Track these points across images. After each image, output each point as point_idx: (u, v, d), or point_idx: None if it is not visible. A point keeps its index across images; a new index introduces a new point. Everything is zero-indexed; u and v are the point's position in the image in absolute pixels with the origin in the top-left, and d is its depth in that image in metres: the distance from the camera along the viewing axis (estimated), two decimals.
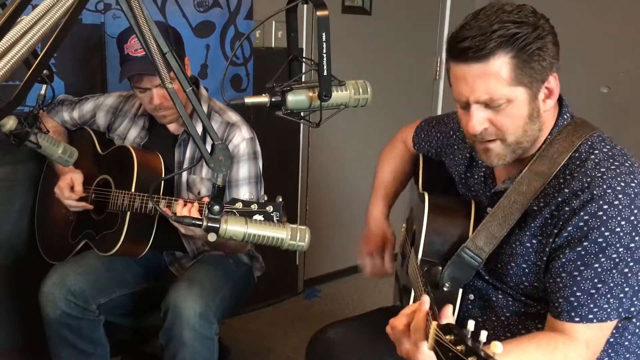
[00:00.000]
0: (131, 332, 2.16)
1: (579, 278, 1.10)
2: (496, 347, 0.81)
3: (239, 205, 1.06)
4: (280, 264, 2.63)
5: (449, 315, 1.04)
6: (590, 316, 1.09)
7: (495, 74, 1.10)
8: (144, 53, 1.61)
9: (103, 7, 2.02)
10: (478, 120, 1.15)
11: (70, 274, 1.71)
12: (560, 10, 2.87)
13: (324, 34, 0.92)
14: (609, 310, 1.09)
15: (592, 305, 1.09)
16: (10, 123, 1.22)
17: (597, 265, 1.08)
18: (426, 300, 1.02)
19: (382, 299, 2.91)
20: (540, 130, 1.18)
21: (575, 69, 2.80)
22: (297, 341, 2.52)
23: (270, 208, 1.09)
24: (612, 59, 2.71)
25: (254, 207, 1.08)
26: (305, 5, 0.97)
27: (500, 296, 1.26)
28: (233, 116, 1.83)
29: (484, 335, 0.83)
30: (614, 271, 1.08)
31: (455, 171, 1.44)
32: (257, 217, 1.07)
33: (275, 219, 1.09)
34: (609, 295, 1.09)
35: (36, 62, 0.77)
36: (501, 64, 1.10)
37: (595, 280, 1.09)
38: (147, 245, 1.72)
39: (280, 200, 1.11)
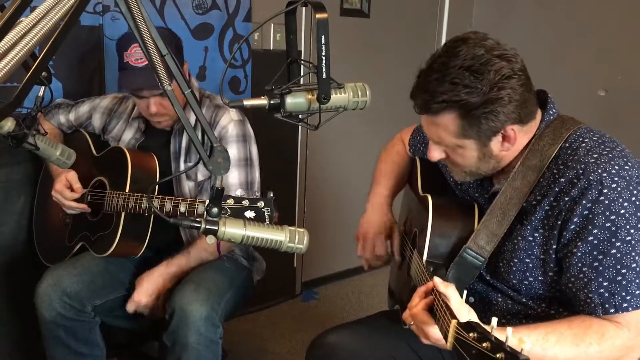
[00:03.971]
0: (127, 334, 2.15)
1: (600, 268, 1.09)
2: (524, 343, 0.79)
3: (230, 201, 1.06)
4: (278, 266, 2.63)
5: (439, 282, 1.09)
6: (625, 305, 1.08)
7: (443, 126, 1.16)
8: (144, 63, 1.61)
9: (102, 9, 2.01)
10: (435, 153, 1.25)
11: (66, 276, 1.70)
12: (557, 14, 2.89)
13: (322, 36, 0.92)
14: None
15: (624, 293, 1.08)
16: (9, 125, 1.21)
17: (614, 250, 1.08)
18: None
19: (379, 301, 2.91)
20: (498, 162, 1.22)
21: (573, 72, 2.81)
22: (295, 343, 2.52)
23: (261, 204, 1.09)
24: (609, 62, 2.72)
25: (245, 203, 1.07)
26: (304, 8, 0.97)
27: (500, 299, 1.26)
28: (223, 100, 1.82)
29: (509, 331, 0.81)
30: (633, 254, 1.08)
31: (451, 176, 1.45)
32: (249, 213, 1.06)
33: (267, 214, 1.09)
34: (637, 280, 1.08)
35: (35, 64, 0.77)
36: (447, 120, 1.15)
37: (618, 267, 1.08)
38: (142, 245, 1.72)
39: (272, 195, 1.11)
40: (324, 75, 0.94)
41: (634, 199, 1.08)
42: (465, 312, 1.05)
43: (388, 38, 3.02)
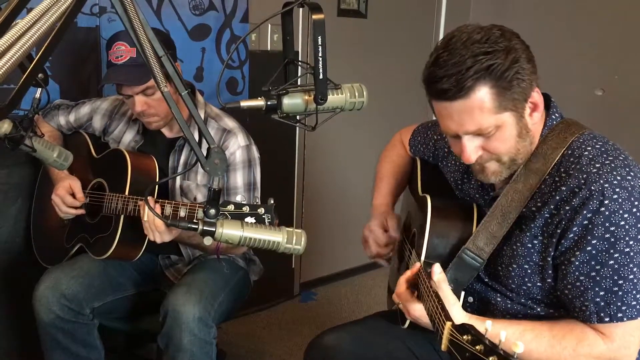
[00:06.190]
0: (126, 336, 2.15)
1: (598, 278, 1.10)
2: (517, 346, 0.79)
3: (231, 207, 1.06)
4: (276, 267, 2.63)
5: (437, 272, 1.16)
6: (620, 315, 1.09)
7: (479, 107, 1.10)
8: (122, 61, 1.62)
9: (98, 10, 2.01)
10: (471, 151, 1.16)
11: (64, 278, 1.70)
12: (555, 14, 2.89)
13: (319, 37, 0.92)
14: (638, 307, 1.09)
15: (619, 304, 1.09)
16: (5, 127, 1.21)
17: (612, 262, 1.08)
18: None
19: (377, 302, 2.92)
20: (531, 143, 1.19)
21: (570, 72, 2.81)
22: (293, 344, 2.52)
23: (261, 210, 1.09)
24: (606, 61, 2.73)
25: (246, 209, 1.07)
26: (301, 9, 0.97)
27: (499, 299, 1.26)
28: (230, 122, 1.82)
29: (503, 335, 0.81)
30: (631, 265, 1.08)
31: (451, 177, 1.45)
32: (249, 219, 1.06)
33: (267, 221, 1.09)
34: (634, 292, 1.08)
35: (31, 66, 0.77)
36: (482, 96, 1.09)
37: (615, 278, 1.08)
38: (141, 248, 1.71)
39: (272, 202, 1.11)
40: (321, 76, 0.95)
41: (634, 210, 1.08)
42: (453, 302, 1.12)
43: (385, 39, 3.02)
